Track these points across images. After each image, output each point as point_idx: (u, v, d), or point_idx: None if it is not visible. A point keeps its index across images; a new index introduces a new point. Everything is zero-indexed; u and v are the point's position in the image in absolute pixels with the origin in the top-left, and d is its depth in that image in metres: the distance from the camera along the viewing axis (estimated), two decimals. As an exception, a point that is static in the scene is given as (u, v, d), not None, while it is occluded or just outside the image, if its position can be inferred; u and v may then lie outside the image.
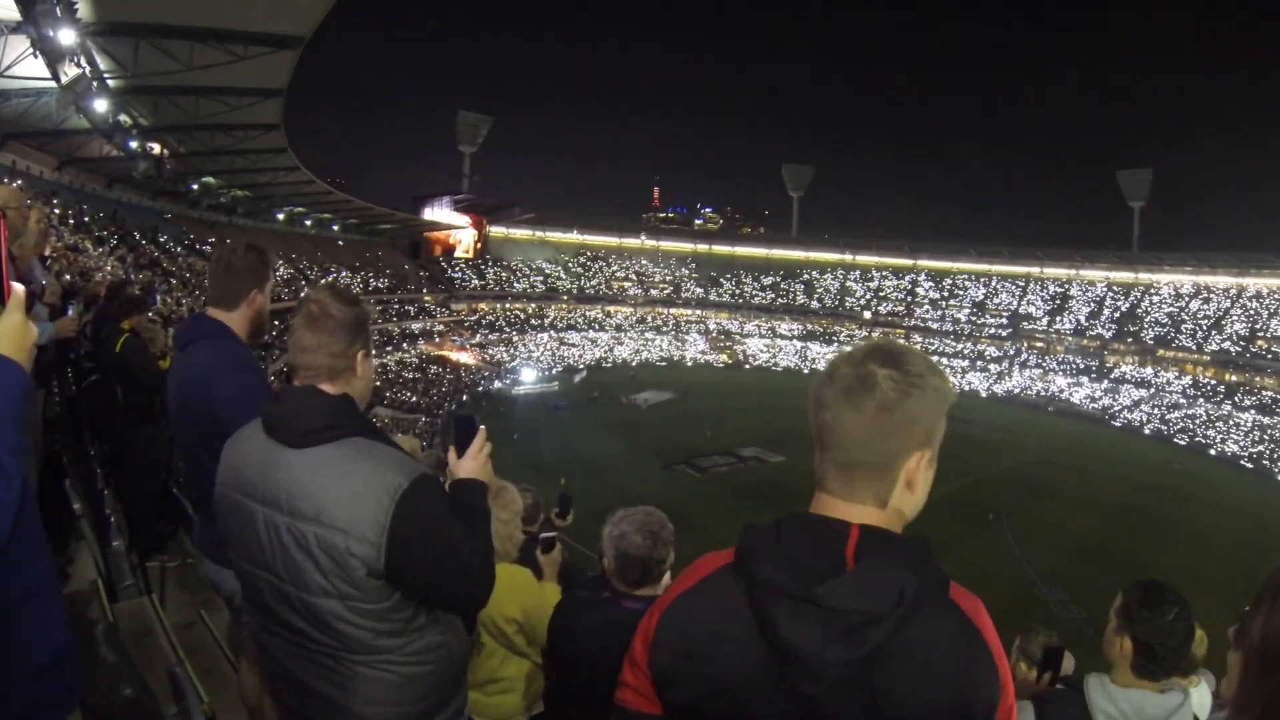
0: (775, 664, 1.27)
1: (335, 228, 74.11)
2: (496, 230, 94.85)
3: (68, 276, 11.91)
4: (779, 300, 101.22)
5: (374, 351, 2.29)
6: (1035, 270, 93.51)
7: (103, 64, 21.79)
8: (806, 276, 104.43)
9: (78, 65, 19.13)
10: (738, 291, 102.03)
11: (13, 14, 17.11)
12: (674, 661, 1.39)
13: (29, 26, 17.19)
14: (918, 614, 1.24)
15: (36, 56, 18.48)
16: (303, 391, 2.12)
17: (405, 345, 68.62)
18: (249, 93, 28.84)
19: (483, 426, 2.35)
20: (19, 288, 1.66)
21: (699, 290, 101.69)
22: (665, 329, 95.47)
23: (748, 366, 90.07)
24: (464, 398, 60.19)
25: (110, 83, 23.07)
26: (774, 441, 46.93)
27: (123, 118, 25.96)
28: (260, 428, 2.13)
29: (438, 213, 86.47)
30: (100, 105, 22.70)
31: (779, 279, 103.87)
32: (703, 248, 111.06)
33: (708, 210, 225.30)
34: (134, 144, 28.21)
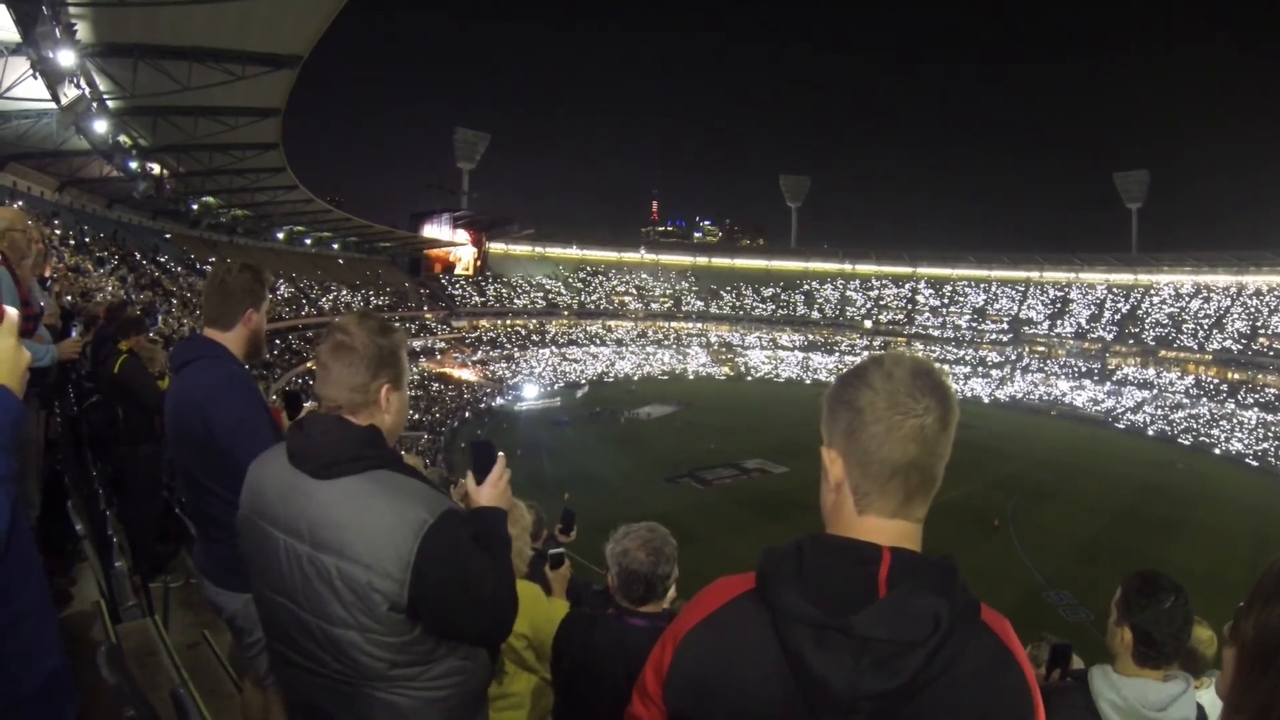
0: (801, 698, 1.22)
1: (335, 246, 74.40)
2: (496, 247, 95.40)
3: (69, 298, 11.93)
4: (779, 311, 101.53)
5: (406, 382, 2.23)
6: (1035, 274, 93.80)
7: (102, 85, 21.82)
8: (806, 287, 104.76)
9: (77, 86, 19.17)
10: (738, 304, 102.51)
11: (13, 36, 17.15)
12: (691, 696, 1.34)
13: (29, 48, 17.21)
14: (952, 639, 1.20)
15: (36, 78, 18.52)
16: (328, 420, 2.06)
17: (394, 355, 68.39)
18: (247, 112, 28.96)
19: (501, 454, 2.31)
20: (12, 312, 1.63)
21: (699, 303, 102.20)
22: (666, 343, 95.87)
23: (750, 378, 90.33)
24: (466, 414, 60.23)
25: (110, 103, 23.17)
26: (778, 452, 46.87)
27: (122, 138, 26.11)
28: (284, 453, 2.07)
29: (437, 230, 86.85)
30: (100, 126, 22.81)
31: (779, 290, 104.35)
32: (702, 260, 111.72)
33: (706, 223, 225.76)
34: (134, 164, 28.33)
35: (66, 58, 17.57)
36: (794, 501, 35.04)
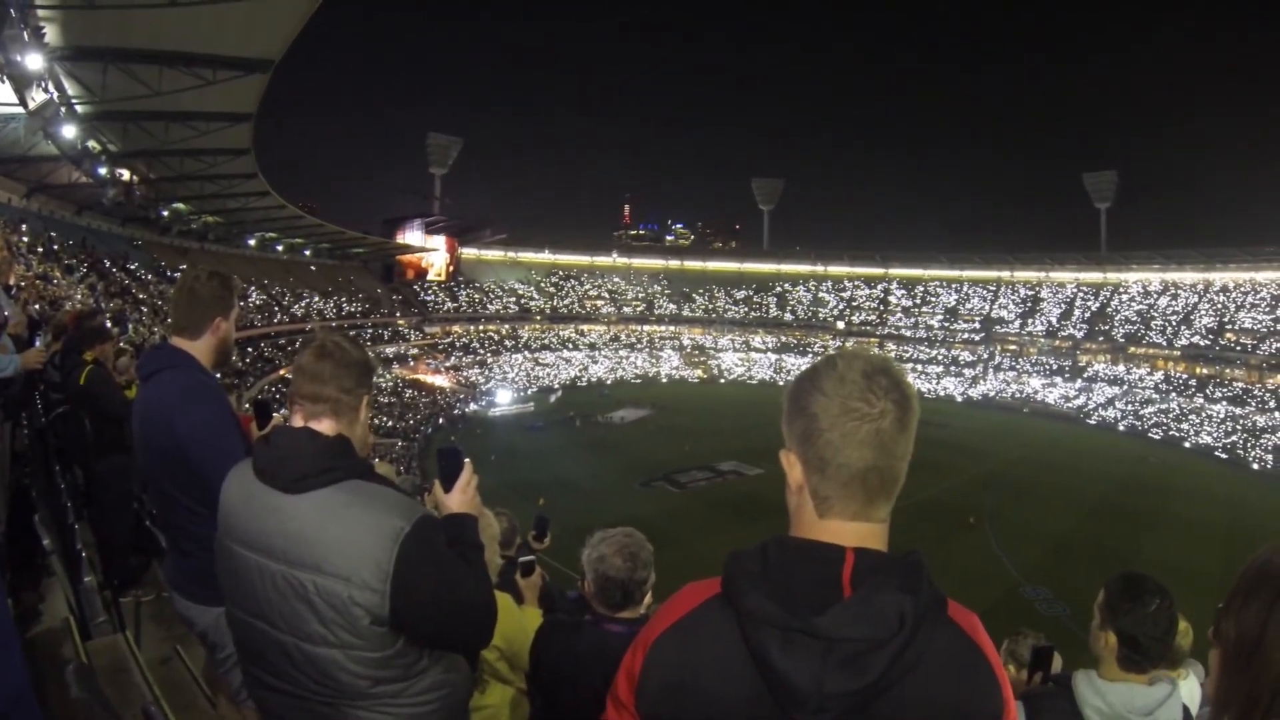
0: (771, 699, 1.22)
1: (307, 252, 73.89)
2: (468, 252, 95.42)
3: (36, 306, 11.78)
4: (752, 314, 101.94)
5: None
6: (1006, 274, 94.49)
7: (71, 89, 21.67)
8: (779, 289, 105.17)
9: (45, 90, 19.00)
10: (711, 306, 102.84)
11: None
12: (663, 701, 1.33)
13: (-5, 50, 16.99)
14: (919, 636, 1.20)
15: (3, 82, 18.31)
16: (296, 433, 2.03)
17: (380, 370, 68.07)
18: (218, 117, 28.70)
19: (469, 460, 2.31)
20: None
21: (672, 306, 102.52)
22: (639, 346, 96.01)
23: (723, 381, 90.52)
24: (440, 421, 60.01)
25: (78, 108, 22.96)
26: (752, 454, 46.84)
27: (91, 143, 25.80)
28: (250, 470, 2.04)
29: (410, 236, 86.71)
30: (68, 131, 22.64)
31: (752, 293, 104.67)
32: (674, 264, 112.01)
33: (679, 226, 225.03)
34: (103, 170, 28.11)
35: (34, 61, 17.41)
36: (768, 503, 35.02)
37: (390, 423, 54.60)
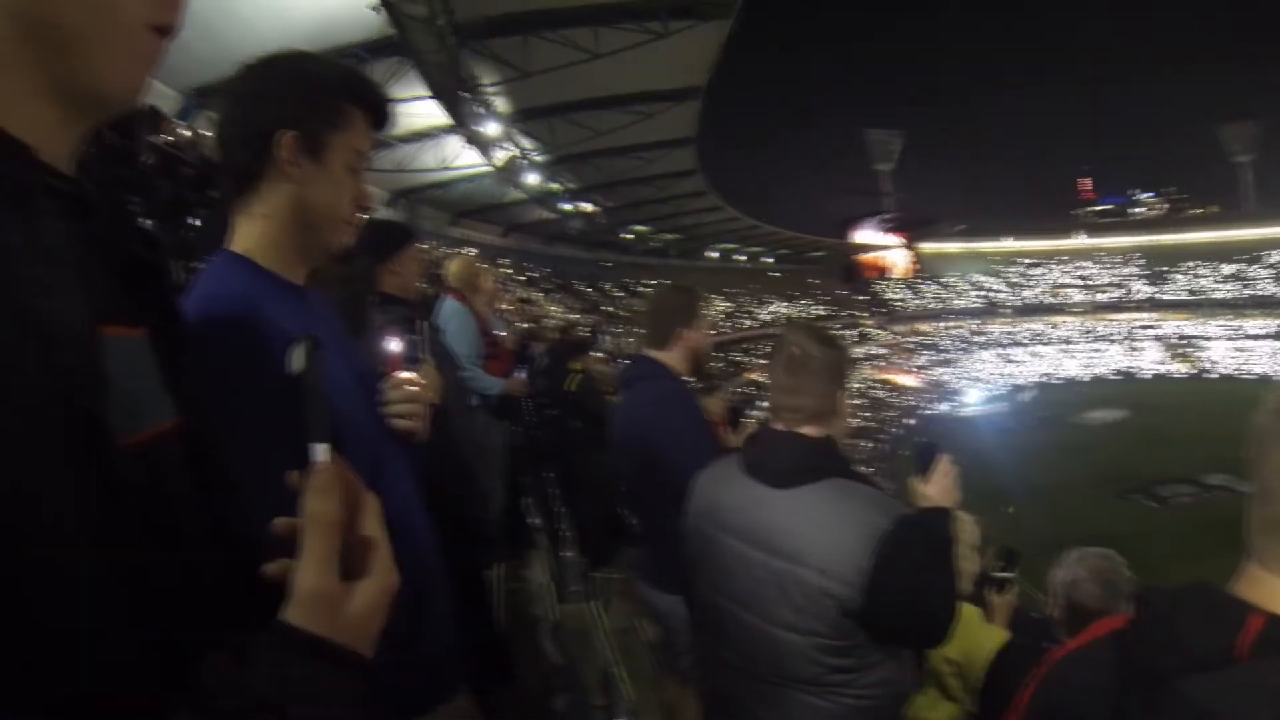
0: None
1: (768, 260, 76.83)
2: (926, 246, 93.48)
3: (524, 324, 13.57)
4: (1245, 292, 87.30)
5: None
6: None
7: (526, 144, 25.45)
8: (1276, 259, 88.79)
9: (506, 149, 23.09)
10: (1193, 286, 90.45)
11: (447, 119, 20.58)
12: None
13: (461, 127, 20.94)
14: None
15: (472, 148, 22.47)
16: (783, 435, 2.16)
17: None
18: (660, 145, 30.77)
19: (946, 454, 2.30)
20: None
21: (1148, 289, 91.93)
22: (1115, 337, 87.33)
23: (1213, 375, 78.93)
24: (908, 421, 59.77)
25: (536, 158, 26.92)
26: (1245, 467, 41.11)
27: (553, 185, 29.98)
28: (737, 466, 2.21)
29: (865, 235, 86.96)
30: (531, 178, 27.16)
31: (1243, 265, 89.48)
32: (1145, 239, 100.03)
33: (1147, 195, 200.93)
34: (566, 206, 32.18)
35: (491, 128, 21.24)
36: (1262, 531, 30.60)
37: (858, 423, 54.80)
